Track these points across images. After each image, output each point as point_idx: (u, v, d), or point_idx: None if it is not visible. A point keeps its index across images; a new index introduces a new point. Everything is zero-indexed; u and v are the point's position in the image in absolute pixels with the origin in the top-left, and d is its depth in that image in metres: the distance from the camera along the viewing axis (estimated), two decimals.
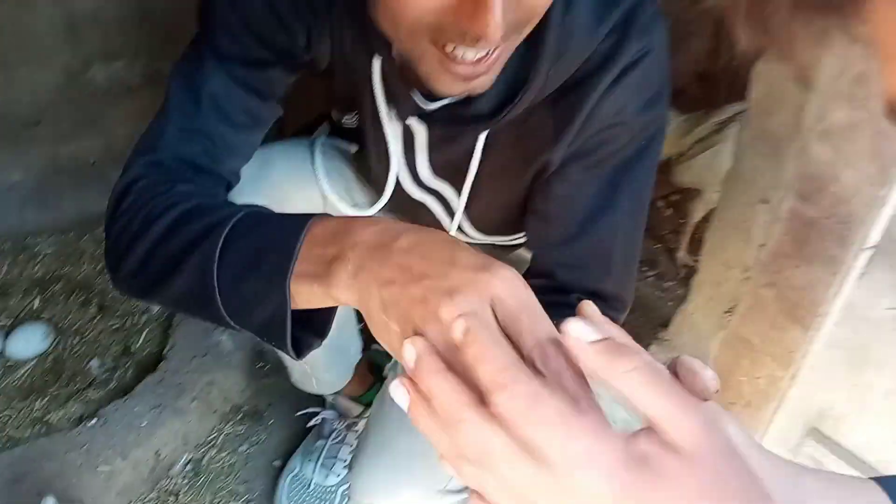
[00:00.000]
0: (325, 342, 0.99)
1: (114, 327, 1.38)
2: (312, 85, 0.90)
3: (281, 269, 0.54)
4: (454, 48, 0.64)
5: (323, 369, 1.16)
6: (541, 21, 0.69)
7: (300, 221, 0.56)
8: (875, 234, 0.67)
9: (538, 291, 0.51)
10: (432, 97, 0.79)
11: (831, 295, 0.72)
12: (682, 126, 1.40)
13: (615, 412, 0.42)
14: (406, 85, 0.78)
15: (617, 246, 0.79)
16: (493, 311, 0.41)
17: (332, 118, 0.98)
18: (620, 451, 0.33)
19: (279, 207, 0.81)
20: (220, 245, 0.59)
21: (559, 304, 0.66)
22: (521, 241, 1.03)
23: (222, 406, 1.31)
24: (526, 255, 1.07)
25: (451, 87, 0.68)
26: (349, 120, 0.93)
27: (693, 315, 1.04)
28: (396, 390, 0.41)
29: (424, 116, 0.81)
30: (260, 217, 0.63)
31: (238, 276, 0.58)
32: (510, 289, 0.43)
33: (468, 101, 0.77)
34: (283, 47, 0.80)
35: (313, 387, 1.19)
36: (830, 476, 0.37)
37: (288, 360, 1.12)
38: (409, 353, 0.40)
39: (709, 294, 1.00)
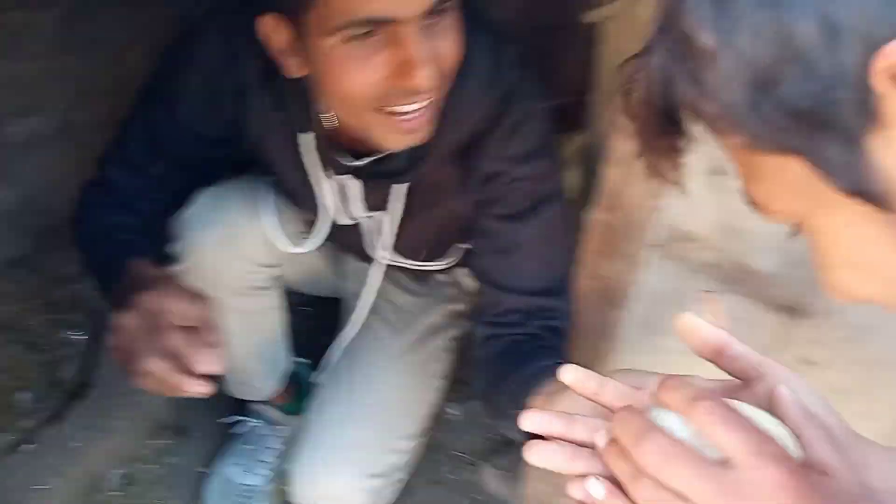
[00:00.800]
0: (259, 354, 1.27)
1: (39, 361, 1.47)
2: None
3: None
4: (399, 108, 0.82)
5: (255, 378, 1.32)
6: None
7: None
8: (654, 235, 0.90)
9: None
10: (358, 156, 0.99)
11: (631, 282, 0.94)
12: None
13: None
14: (336, 151, 0.98)
15: (555, 267, 1.01)
16: None
17: None
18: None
19: (229, 242, 1.05)
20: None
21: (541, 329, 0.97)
22: (440, 267, 1.23)
23: (148, 423, 1.43)
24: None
25: (401, 142, 0.88)
26: None
27: None
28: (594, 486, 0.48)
29: (354, 172, 1.01)
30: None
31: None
32: None
33: (387, 157, 0.97)
34: (217, 138, 1.05)
35: (244, 394, 1.35)
36: None
37: (228, 370, 1.27)
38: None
39: None
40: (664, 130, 0.46)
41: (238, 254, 1.12)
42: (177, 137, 1.03)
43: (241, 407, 1.42)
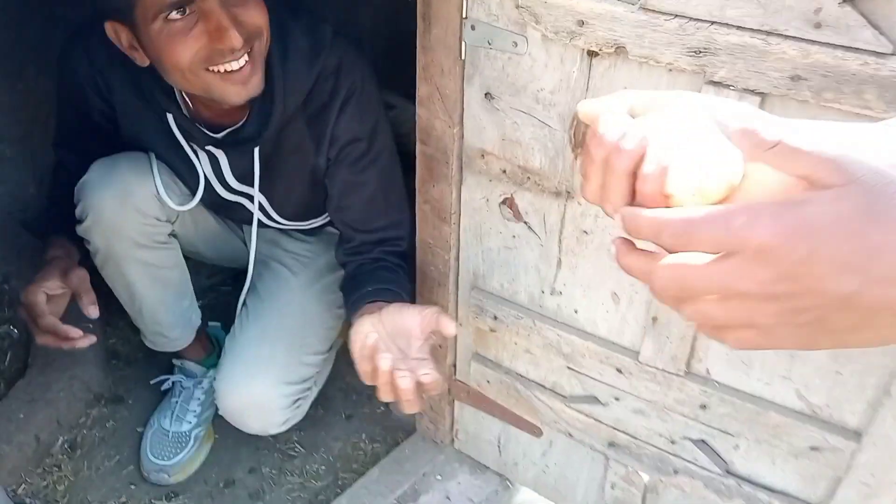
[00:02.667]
0: (167, 305, 1.54)
1: None
2: None
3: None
4: (223, 67, 1.06)
5: (168, 329, 1.51)
6: (268, 74, 1.14)
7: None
8: (461, 156, 1.15)
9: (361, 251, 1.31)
10: (216, 129, 1.23)
11: (454, 198, 1.19)
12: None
13: None
14: (197, 125, 1.22)
15: (392, 205, 1.32)
16: None
17: None
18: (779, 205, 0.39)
19: (124, 198, 1.28)
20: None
21: (383, 254, 1.31)
22: (321, 223, 1.49)
23: (86, 395, 1.60)
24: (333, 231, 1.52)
25: (239, 94, 1.12)
26: None
27: None
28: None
29: (217, 143, 1.25)
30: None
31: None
32: None
33: (241, 127, 1.22)
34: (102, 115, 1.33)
35: (163, 345, 1.54)
36: None
37: (140, 324, 1.49)
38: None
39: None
40: None
41: (133, 208, 1.31)
42: (77, 127, 1.36)
43: (169, 371, 1.62)
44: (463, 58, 1.04)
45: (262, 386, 1.39)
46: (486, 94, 1.05)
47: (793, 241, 0.38)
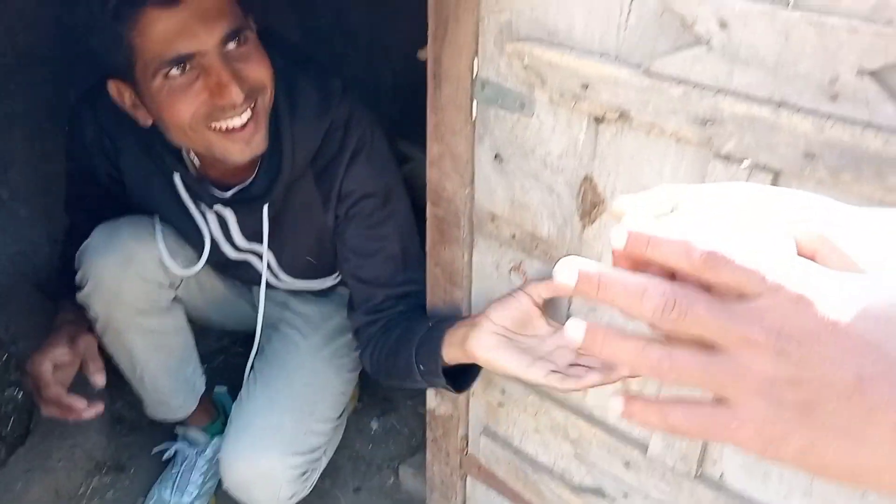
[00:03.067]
0: (170, 373, 1.50)
1: None
2: None
3: None
4: (225, 124, 1.05)
5: (170, 397, 1.48)
6: (276, 129, 1.12)
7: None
8: (473, 219, 1.09)
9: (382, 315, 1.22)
10: (223, 188, 1.22)
11: (465, 262, 1.13)
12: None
13: None
14: (205, 184, 1.22)
15: (411, 261, 1.24)
16: None
17: None
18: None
19: (125, 263, 1.25)
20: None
21: (408, 307, 1.22)
22: (330, 284, 1.45)
23: (87, 464, 1.57)
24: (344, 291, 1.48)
25: (242, 153, 1.10)
26: None
27: None
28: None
29: (225, 203, 1.24)
30: None
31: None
32: None
33: (250, 185, 1.20)
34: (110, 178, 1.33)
35: (165, 413, 1.51)
36: None
37: (142, 392, 1.46)
38: None
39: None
40: None
41: (135, 274, 1.29)
42: (87, 189, 1.37)
43: (173, 438, 1.59)
44: (473, 118, 0.99)
45: (269, 458, 1.33)
46: (496, 156, 1.00)
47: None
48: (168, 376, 1.44)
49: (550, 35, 0.86)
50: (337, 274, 1.41)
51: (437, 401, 1.29)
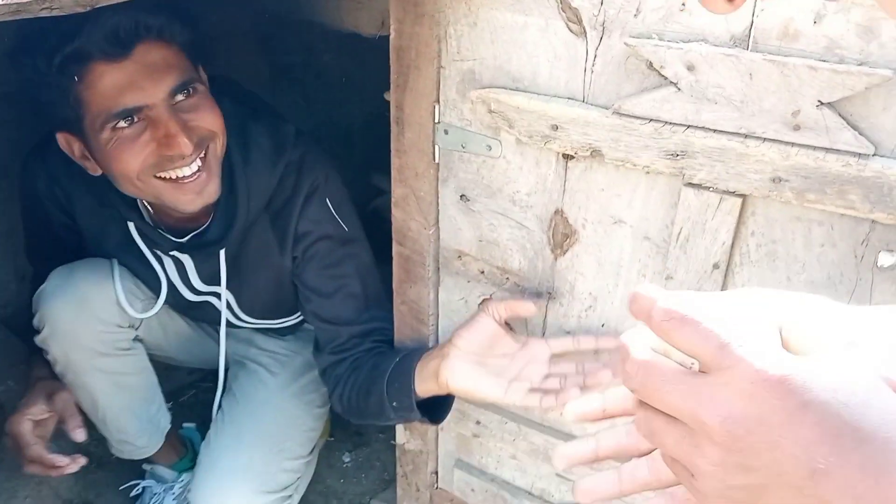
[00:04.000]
0: (133, 413, 1.45)
1: None
2: None
3: None
4: (174, 174, 1.03)
5: (134, 437, 1.43)
6: (230, 176, 1.11)
7: None
8: (438, 258, 1.11)
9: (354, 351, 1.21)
10: (179, 234, 1.19)
11: (431, 300, 1.15)
12: None
13: None
14: (159, 231, 1.18)
15: (374, 299, 1.24)
16: None
17: None
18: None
19: (80, 306, 1.21)
20: None
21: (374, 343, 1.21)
22: (293, 322, 1.43)
23: (54, 501, 1.51)
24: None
25: (193, 203, 1.08)
26: None
27: None
28: None
29: (182, 248, 1.21)
30: None
31: None
32: None
33: (205, 231, 1.18)
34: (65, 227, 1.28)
35: (130, 453, 1.46)
36: None
37: (105, 432, 1.41)
38: None
39: None
40: None
41: (91, 316, 1.26)
42: (44, 238, 1.33)
43: (141, 474, 1.53)
44: (437, 161, 1.02)
45: (239, 497, 1.31)
46: (461, 196, 1.03)
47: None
48: (131, 416, 1.39)
49: (515, 81, 0.90)
50: (298, 314, 1.39)
51: (406, 436, 1.30)
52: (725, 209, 0.82)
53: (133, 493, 1.53)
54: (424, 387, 1.07)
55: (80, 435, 1.20)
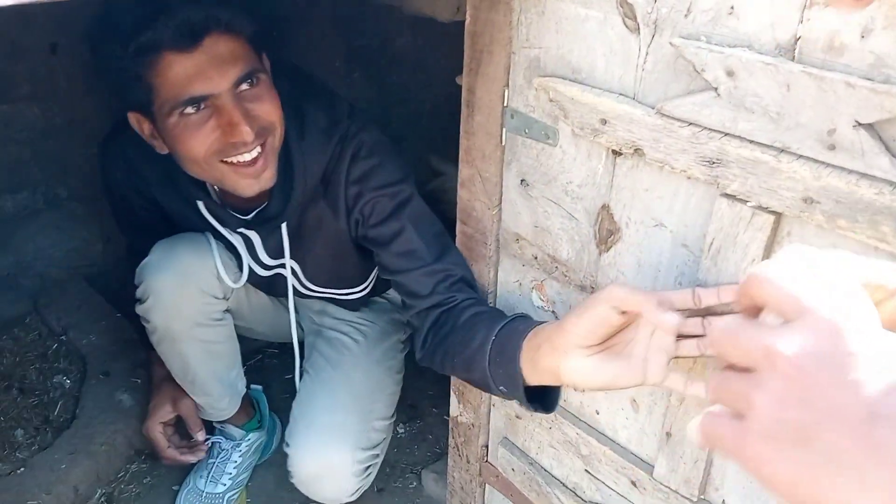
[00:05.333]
0: (220, 378, 1.61)
1: (34, 403, 1.71)
2: None
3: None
4: (235, 159, 1.12)
5: (217, 399, 1.55)
6: (287, 153, 1.19)
7: None
8: (499, 239, 1.14)
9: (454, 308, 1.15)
10: (244, 213, 1.30)
11: (491, 278, 1.18)
12: None
13: None
14: (226, 209, 1.29)
15: (448, 249, 1.20)
16: None
17: None
18: None
19: (184, 279, 1.35)
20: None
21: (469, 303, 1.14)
22: (360, 294, 1.51)
23: (127, 450, 1.65)
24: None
25: (251, 187, 1.17)
26: None
27: None
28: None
29: (247, 225, 1.32)
30: None
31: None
32: None
33: (267, 207, 1.28)
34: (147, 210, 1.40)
35: (211, 415, 1.58)
36: None
37: (191, 394, 1.54)
38: None
39: None
40: None
41: (195, 288, 1.37)
42: (131, 218, 1.48)
43: (208, 429, 1.64)
44: (503, 144, 1.05)
45: (339, 453, 1.41)
46: (521, 181, 1.05)
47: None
48: (217, 381, 1.52)
49: (574, 72, 0.91)
50: (365, 285, 1.47)
51: (459, 409, 1.35)
52: (757, 224, 0.79)
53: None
54: (539, 379, 0.94)
55: (200, 436, 1.50)
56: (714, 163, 0.79)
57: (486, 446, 1.35)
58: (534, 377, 0.94)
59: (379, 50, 2.15)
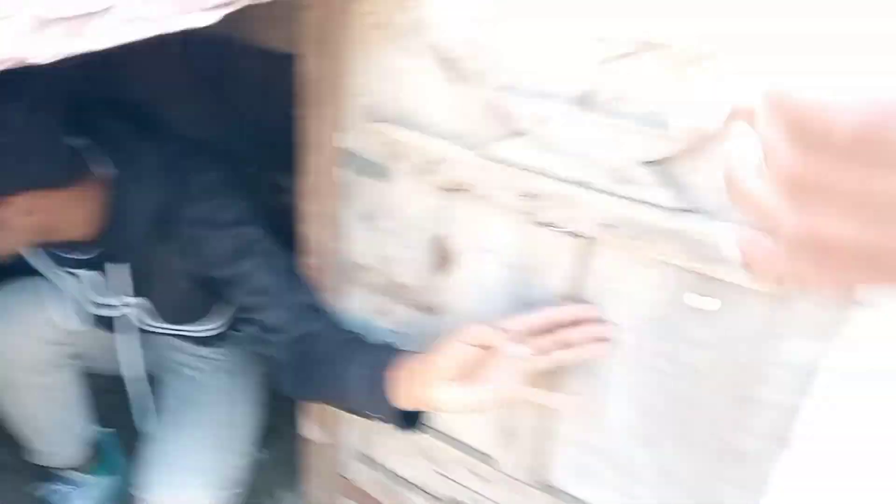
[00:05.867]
0: (61, 425, 1.50)
1: None
2: None
3: None
4: None
5: (61, 447, 1.50)
6: (117, 193, 1.17)
7: None
8: (346, 269, 1.22)
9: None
10: (84, 253, 1.27)
11: (341, 305, 1.26)
12: None
13: None
14: (55, 253, 1.26)
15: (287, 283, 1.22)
16: None
17: None
18: None
19: (16, 326, 1.28)
20: None
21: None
22: (213, 332, 1.50)
23: None
24: None
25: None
26: None
27: None
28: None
29: (86, 265, 1.29)
30: None
31: None
32: None
33: (100, 246, 1.24)
34: None
35: (54, 462, 1.52)
36: None
37: (32, 445, 1.47)
38: None
39: None
40: None
41: (26, 335, 1.34)
42: None
43: (47, 474, 1.59)
44: (340, 182, 1.13)
45: (196, 493, 1.39)
46: (364, 215, 1.14)
47: None
48: (58, 429, 1.48)
49: (405, 118, 1.01)
50: (222, 322, 1.48)
51: (313, 429, 1.41)
52: (570, 246, 0.93)
53: (39, 495, 1.61)
54: (412, 406, 1.03)
55: None
56: (530, 197, 0.92)
57: (342, 463, 1.43)
58: (407, 405, 1.02)
59: (224, 75, 2.16)
